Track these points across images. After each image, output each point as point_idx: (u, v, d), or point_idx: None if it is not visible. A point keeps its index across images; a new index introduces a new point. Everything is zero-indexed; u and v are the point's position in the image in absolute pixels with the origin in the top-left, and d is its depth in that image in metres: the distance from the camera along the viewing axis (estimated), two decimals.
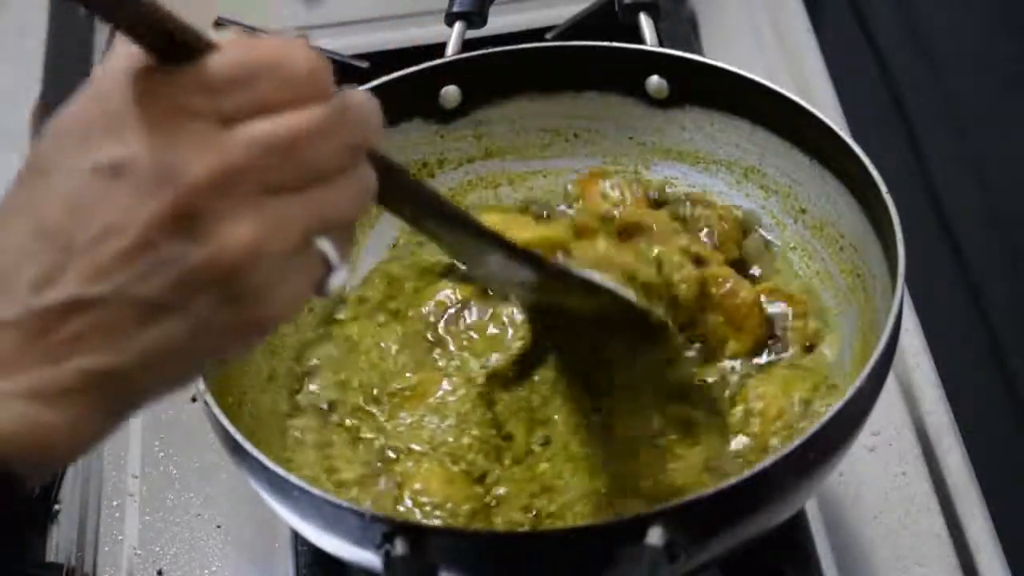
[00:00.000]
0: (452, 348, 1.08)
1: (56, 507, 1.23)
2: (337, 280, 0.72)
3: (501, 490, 0.99)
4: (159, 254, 0.68)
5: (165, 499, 1.15)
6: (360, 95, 0.73)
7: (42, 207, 0.70)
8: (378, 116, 0.74)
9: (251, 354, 1.07)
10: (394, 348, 1.09)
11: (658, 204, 1.17)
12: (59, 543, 1.18)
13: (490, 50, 1.16)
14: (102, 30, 1.55)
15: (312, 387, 1.08)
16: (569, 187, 1.18)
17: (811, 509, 1.08)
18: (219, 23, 1.44)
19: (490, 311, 1.09)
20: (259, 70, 0.69)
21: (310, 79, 0.70)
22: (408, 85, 1.14)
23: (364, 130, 0.73)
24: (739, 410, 1.01)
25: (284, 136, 0.69)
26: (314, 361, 1.09)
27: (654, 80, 1.15)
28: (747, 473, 0.87)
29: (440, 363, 1.07)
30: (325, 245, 0.71)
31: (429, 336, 1.09)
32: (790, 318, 1.06)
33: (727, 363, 1.04)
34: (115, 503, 1.15)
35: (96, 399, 0.70)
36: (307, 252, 0.71)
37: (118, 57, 0.70)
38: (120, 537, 1.13)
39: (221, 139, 0.68)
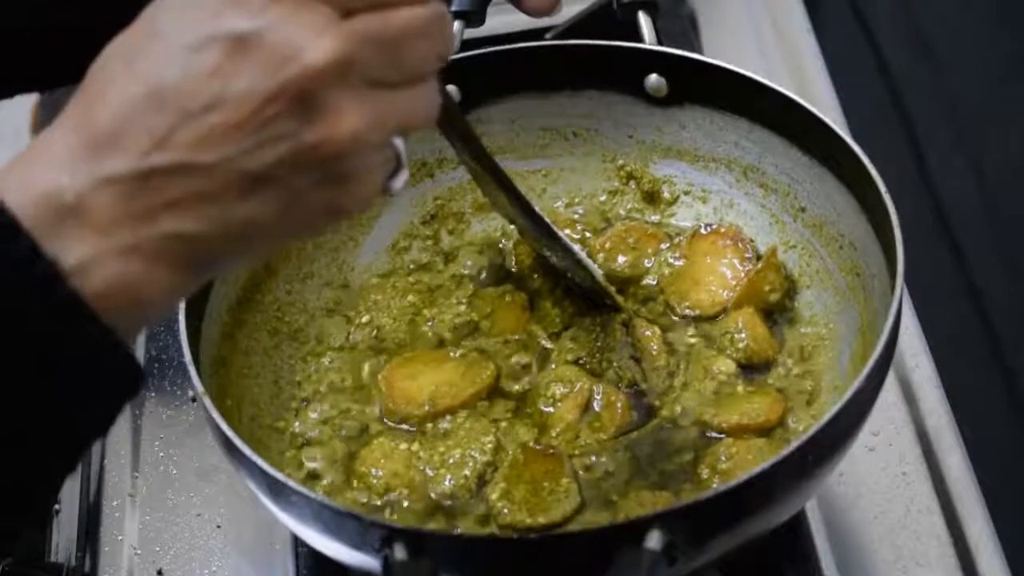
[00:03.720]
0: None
1: (56, 507, 1.23)
2: (399, 181, 0.76)
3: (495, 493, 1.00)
4: (272, 130, 0.70)
5: (165, 499, 1.15)
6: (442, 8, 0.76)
7: (157, 68, 0.70)
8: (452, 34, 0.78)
9: (251, 356, 1.07)
10: None
11: (651, 196, 1.17)
12: (59, 543, 1.18)
13: (489, 50, 1.16)
14: None
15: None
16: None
17: (811, 509, 1.08)
18: None
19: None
20: None
21: None
22: None
23: (449, 43, 0.76)
24: (704, 469, 1.00)
25: (394, 31, 0.72)
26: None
27: (653, 79, 1.14)
28: (747, 475, 0.86)
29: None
30: (400, 145, 0.75)
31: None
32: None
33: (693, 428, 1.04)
34: (115, 503, 1.15)
35: (178, 261, 0.71)
36: (386, 149, 0.74)
37: None
38: (120, 537, 1.13)
39: (341, 28, 0.71)
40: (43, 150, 0.71)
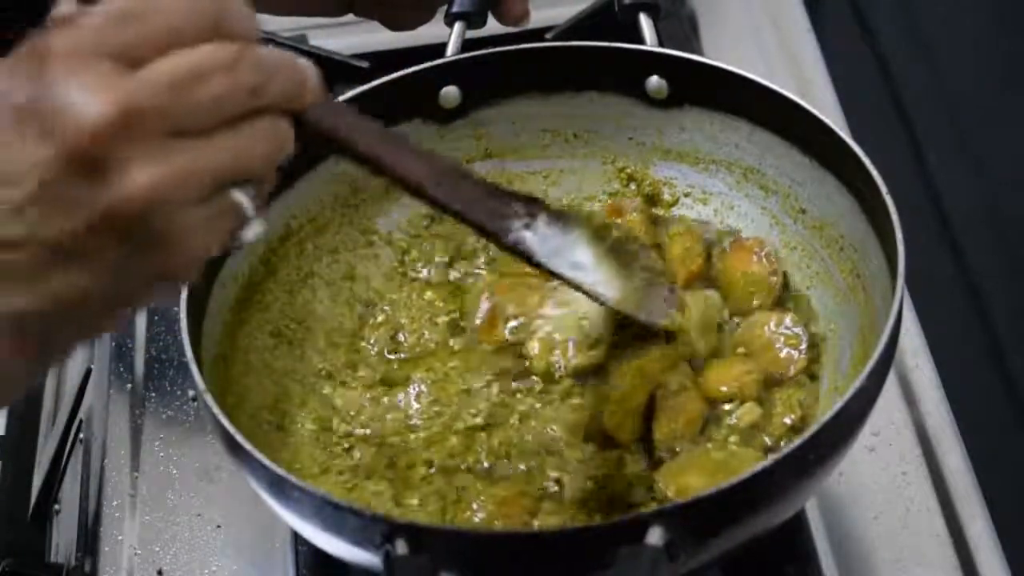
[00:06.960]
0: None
1: (56, 507, 1.23)
2: (251, 234, 0.72)
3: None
4: (62, 198, 0.68)
5: (165, 499, 1.15)
6: (278, 53, 0.73)
7: None
8: (299, 75, 0.74)
9: (252, 354, 1.07)
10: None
11: (651, 198, 1.17)
12: (59, 543, 1.18)
13: (490, 50, 1.16)
14: None
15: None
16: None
17: (811, 509, 1.08)
18: None
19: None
20: (150, 10, 0.69)
21: (208, 19, 0.70)
22: (408, 85, 1.14)
23: (269, 76, 0.72)
24: (659, 487, 1.00)
25: (183, 72, 0.69)
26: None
27: (653, 80, 1.14)
28: (747, 473, 0.86)
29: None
30: (239, 196, 0.71)
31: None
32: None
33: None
34: (115, 503, 1.15)
35: (15, 343, 0.69)
36: (219, 202, 0.71)
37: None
38: (120, 537, 1.13)
39: (123, 81, 0.68)
40: None
